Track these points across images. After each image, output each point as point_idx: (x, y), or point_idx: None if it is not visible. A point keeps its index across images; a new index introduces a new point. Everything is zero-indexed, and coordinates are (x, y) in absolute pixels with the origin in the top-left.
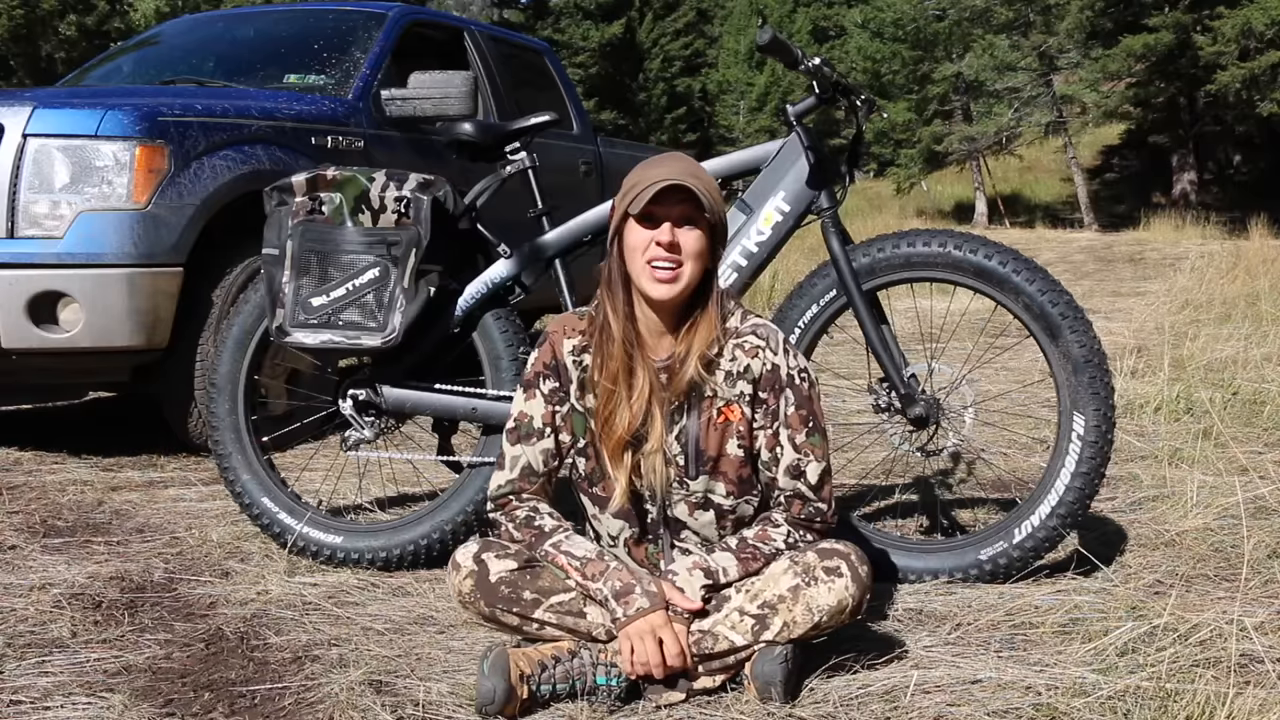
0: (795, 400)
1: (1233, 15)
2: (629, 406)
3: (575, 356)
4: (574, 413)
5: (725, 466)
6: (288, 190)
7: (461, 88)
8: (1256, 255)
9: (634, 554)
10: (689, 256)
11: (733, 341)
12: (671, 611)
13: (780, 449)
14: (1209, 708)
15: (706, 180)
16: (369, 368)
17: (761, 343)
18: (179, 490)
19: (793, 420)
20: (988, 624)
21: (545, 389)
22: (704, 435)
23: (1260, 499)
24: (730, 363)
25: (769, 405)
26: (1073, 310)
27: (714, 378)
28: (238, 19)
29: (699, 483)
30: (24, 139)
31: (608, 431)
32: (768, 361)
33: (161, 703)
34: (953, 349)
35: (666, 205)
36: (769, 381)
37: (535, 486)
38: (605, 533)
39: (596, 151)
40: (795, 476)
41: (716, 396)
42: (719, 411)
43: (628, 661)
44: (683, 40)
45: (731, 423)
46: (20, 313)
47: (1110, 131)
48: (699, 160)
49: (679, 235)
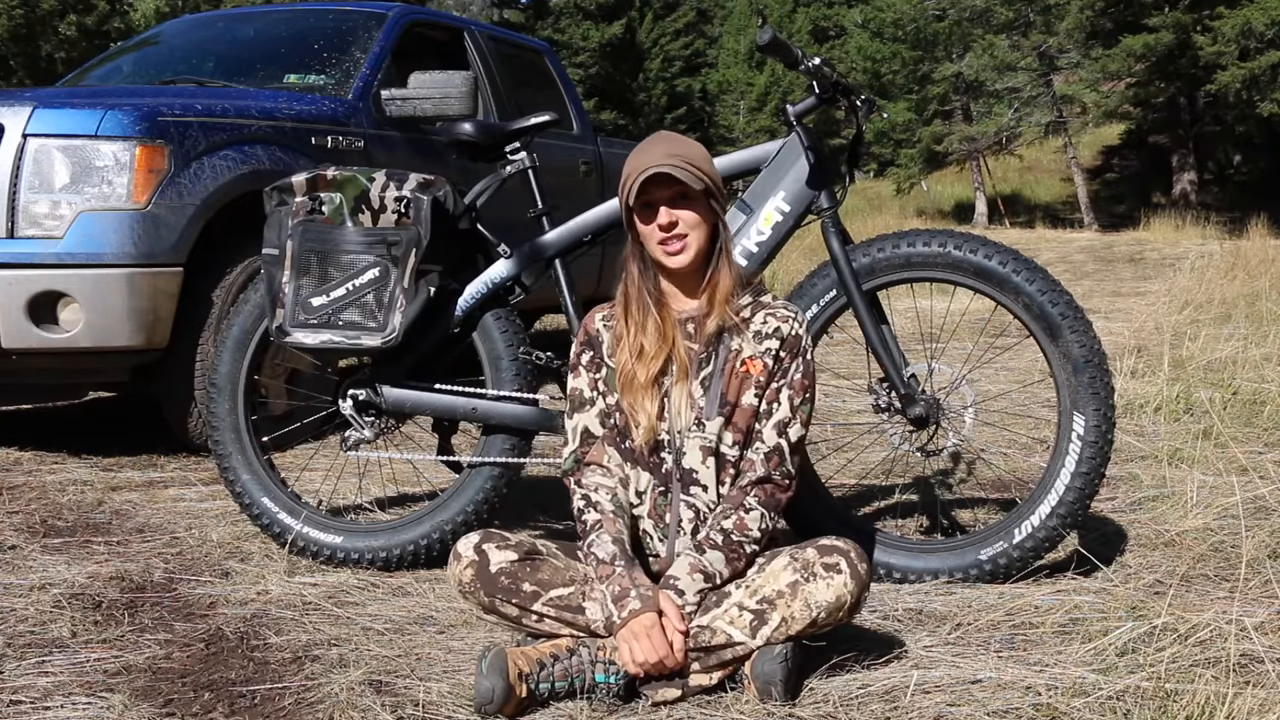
0: (803, 370)
1: (1233, 15)
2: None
3: (605, 322)
4: (608, 370)
5: (738, 417)
6: (288, 190)
7: (461, 88)
8: (1256, 255)
9: (651, 506)
10: (690, 227)
11: (764, 310)
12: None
13: (778, 405)
14: (1209, 708)
15: (688, 153)
16: (369, 368)
17: (791, 314)
18: (179, 490)
19: (796, 384)
20: (988, 624)
21: (585, 361)
22: (726, 381)
23: (1260, 499)
24: (762, 325)
25: (784, 364)
26: (1073, 310)
27: (742, 337)
28: (238, 19)
29: (713, 424)
30: (24, 139)
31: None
32: (795, 330)
33: (161, 703)
34: (953, 349)
35: (657, 190)
36: (791, 345)
37: (595, 447)
38: (634, 489)
39: (596, 151)
40: (780, 434)
41: (742, 351)
42: (742, 363)
43: (627, 662)
44: (683, 40)
45: (752, 375)
46: (20, 313)
47: (1110, 131)
48: None
49: (676, 214)
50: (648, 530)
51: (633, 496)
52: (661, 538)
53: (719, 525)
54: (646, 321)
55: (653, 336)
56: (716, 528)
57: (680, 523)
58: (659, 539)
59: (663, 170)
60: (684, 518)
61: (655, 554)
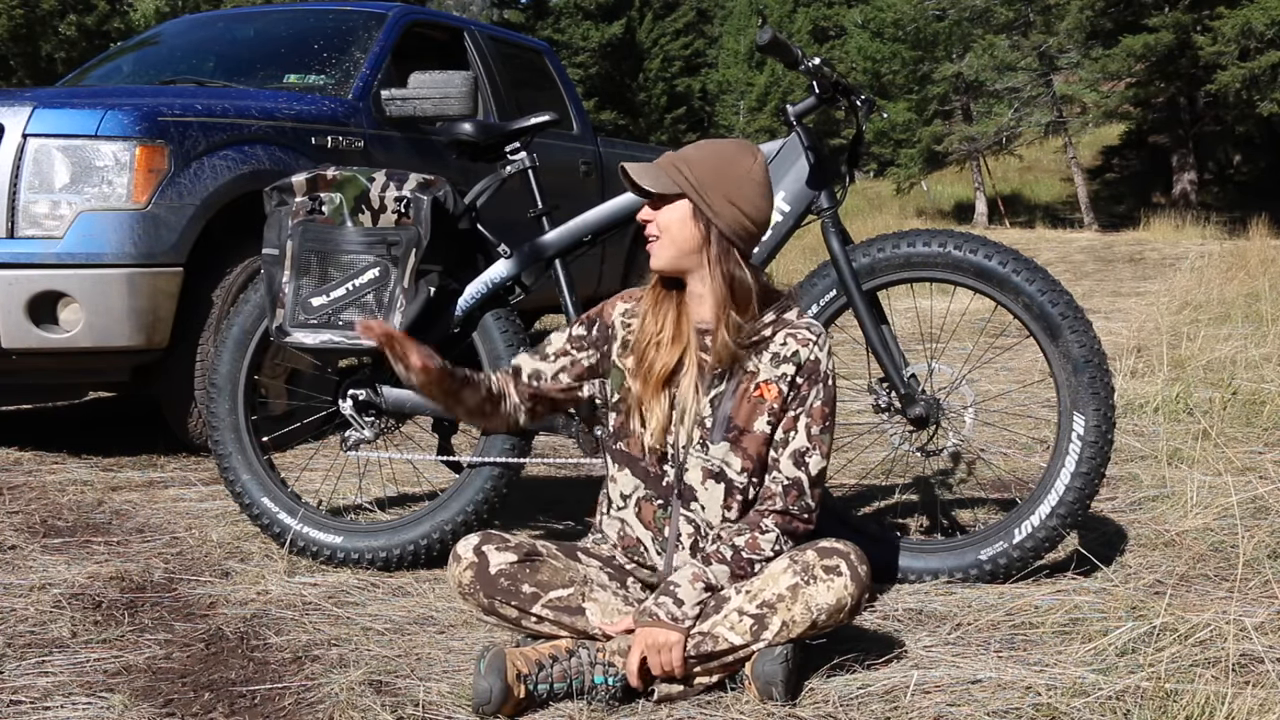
0: (823, 397)
1: (1233, 15)
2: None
3: (625, 319)
4: (615, 369)
5: (748, 442)
6: (288, 190)
7: (461, 88)
8: (1256, 255)
9: (643, 514)
10: (662, 229)
11: (786, 330)
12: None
13: (795, 433)
14: (1209, 708)
15: (686, 155)
16: (369, 368)
17: (813, 337)
18: (179, 490)
19: (815, 412)
20: (988, 624)
21: (575, 332)
22: (736, 404)
23: (1259, 499)
24: (781, 346)
25: (801, 392)
26: (1073, 310)
27: (760, 358)
28: (238, 19)
29: (719, 449)
30: (24, 139)
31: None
32: (814, 354)
33: (161, 703)
34: (953, 349)
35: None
36: (809, 371)
37: (513, 378)
38: (619, 493)
39: (596, 151)
40: (798, 465)
41: (757, 374)
42: (756, 387)
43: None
44: (683, 40)
45: (766, 400)
46: (20, 313)
47: (1110, 131)
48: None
49: (653, 214)
50: (643, 541)
51: (617, 498)
52: (659, 550)
53: (730, 541)
54: (669, 313)
55: (669, 331)
56: (728, 543)
57: (680, 537)
58: (656, 551)
59: (624, 165)
60: (683, 532)
61: (653, 566)
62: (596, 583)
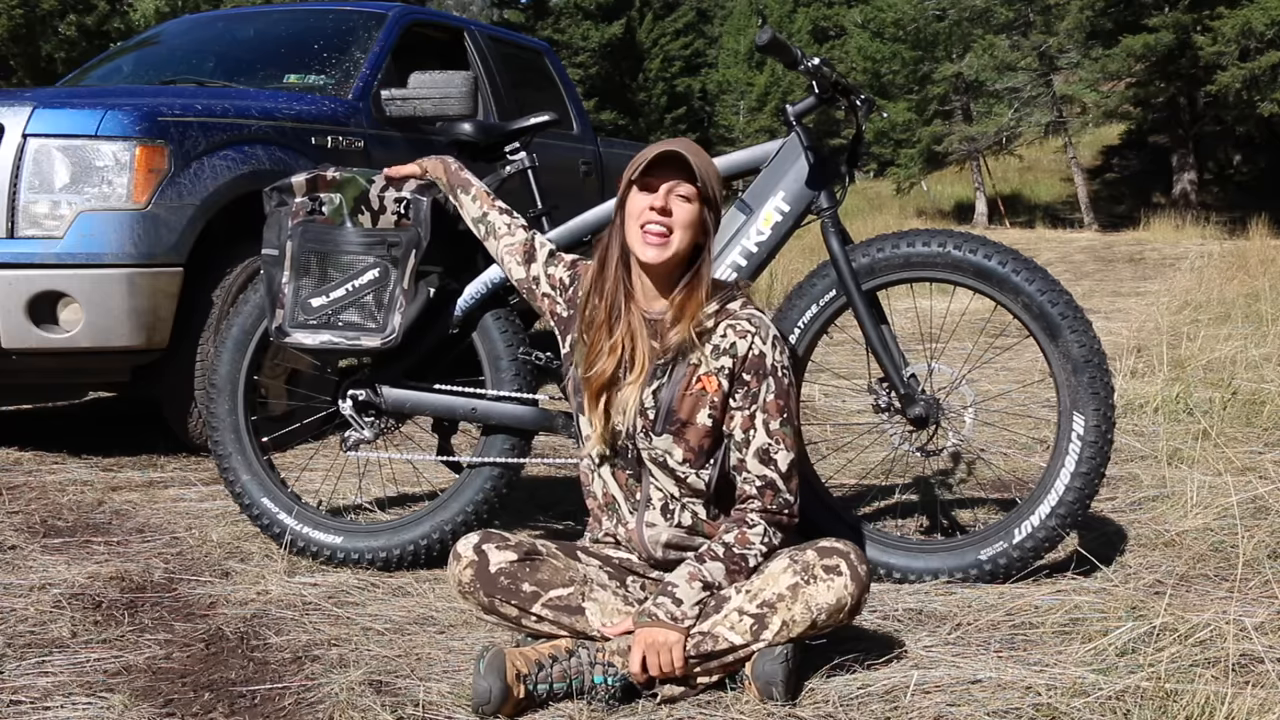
0: (775, 390)
1: (1233, 15)
2: (610, 352)
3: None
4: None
5: (690, 434)
6: (287, 191)
7: (461, 88)
8: (1256, 255)
9: (617, 476)
10: (679, 225)
11: (726, 321)
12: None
13: (754, 431)
14: (1209, 708)
15: (705, 159)
16: (369, 368)
17: (753, 330)
18: (179, 490)
19: (770, 407)
20: (988, 624)
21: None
22: (679, 397)
23: (1259, 499)
24: (720, 339)
25: (750, 388)
26: (1072, 310)
27: (703, 349)
28: (238, 19)
29: (661, 440)
30: (24, 139)
31: (589, 374)
32: (756, 348)
33: (161, 703)
34: (953, 349)
35: (664, 174)
36: (754, 365)
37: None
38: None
39: (596, 151)
40: (765, 462)
41: (701, 365)
42: (698, 380)
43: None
44: (683, 40)
45: (708, 393)
46: (20, 313)
47: (1110, 131)
48: None
49: (671, 203)
50: (616, 499)
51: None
52: (631, 510)
53: (720, 539)
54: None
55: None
56: (719, 540)
57: (650, 500)
58: (629, 510)
59: (677, 151)
60: (653, 496)
61: (625, 522)
62: (596, 582)
